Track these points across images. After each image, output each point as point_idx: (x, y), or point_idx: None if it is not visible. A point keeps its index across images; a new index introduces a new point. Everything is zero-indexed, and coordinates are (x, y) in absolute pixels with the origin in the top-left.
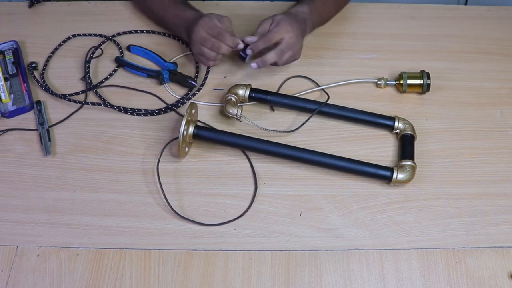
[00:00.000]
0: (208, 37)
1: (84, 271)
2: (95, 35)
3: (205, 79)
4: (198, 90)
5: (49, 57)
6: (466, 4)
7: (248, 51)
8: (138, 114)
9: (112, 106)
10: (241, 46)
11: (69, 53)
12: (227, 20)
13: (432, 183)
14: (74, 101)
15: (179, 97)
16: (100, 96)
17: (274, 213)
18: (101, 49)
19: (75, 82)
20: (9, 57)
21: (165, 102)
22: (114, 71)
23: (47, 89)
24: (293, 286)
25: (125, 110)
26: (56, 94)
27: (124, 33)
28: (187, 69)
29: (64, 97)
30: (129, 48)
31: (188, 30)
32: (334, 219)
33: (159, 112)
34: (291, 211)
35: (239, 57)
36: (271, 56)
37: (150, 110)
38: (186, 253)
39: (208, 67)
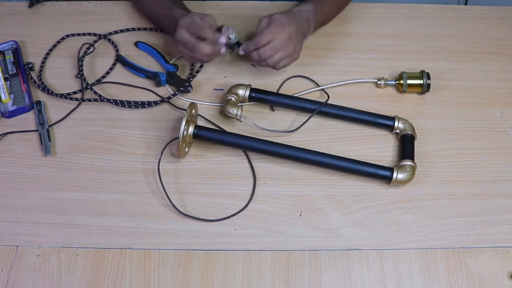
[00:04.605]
0: (189, 38)
1: (84, 271)
2: (89, 34)
3: (192, 76)
4: (185, 87)
5: (45, 57)
6: (466, 4)
7: (241, 53)
8: (136, 107)
9: (109, 100)
10: (223, 40)
11: (65, 53)
12: (210, 17)
13: (432, 183)
14: (72, 99)
15: (171, 93)
16: (95, 92)
17: (274, 213)
18: (93, 46)
19: (73, 81)
20: (9, 57)
21: (160, 96)
22: (111, 69)
23: (44, 89)
24: (293, 286)
25: (121, 103)
26: (54, 93)
27: (133, 29)
28: (188, 70)
29: (62, 96)
30: (136, 44)
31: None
32: (334, 219)
33: (156, 102)
34: (291, 211)
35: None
36: (255, 55)
37: (147, 101)
38: (186, 253)
39: (203, 63)
